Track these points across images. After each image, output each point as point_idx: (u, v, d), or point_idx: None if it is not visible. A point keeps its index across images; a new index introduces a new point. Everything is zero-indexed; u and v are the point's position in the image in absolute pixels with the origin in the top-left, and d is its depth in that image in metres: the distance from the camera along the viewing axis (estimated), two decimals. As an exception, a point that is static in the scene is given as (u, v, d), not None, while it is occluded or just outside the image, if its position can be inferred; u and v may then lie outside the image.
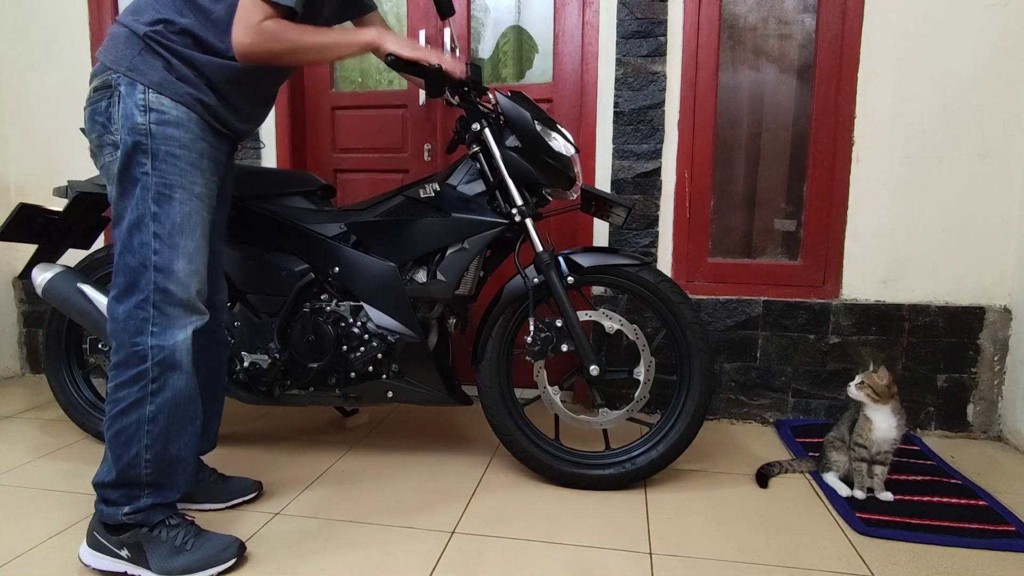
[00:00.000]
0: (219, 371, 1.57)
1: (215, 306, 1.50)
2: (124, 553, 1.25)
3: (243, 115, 1.39)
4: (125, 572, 1.26)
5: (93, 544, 1.28)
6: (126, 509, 1.25)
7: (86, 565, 1.28)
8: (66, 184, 1.87)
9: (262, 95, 1.44)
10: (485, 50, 2.38)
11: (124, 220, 1.24)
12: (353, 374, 1.70)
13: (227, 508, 1.54)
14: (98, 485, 1.27)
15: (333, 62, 1.50)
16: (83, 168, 2.55)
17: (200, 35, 1.27)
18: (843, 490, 1.61)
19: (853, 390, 1.62)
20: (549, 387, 1.68)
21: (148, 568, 1.24)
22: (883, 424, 1.57)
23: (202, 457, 1.57)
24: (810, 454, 1.83)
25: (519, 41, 2.35)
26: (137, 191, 1.23)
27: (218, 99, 1.31)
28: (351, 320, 1.67)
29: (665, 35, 2.11)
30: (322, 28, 1.35)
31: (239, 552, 1.29)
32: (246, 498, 1.57)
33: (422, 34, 2.31)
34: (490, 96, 1.64)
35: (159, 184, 1.23)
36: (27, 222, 1.78)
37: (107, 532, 1.27)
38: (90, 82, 1.28)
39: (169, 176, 1.24)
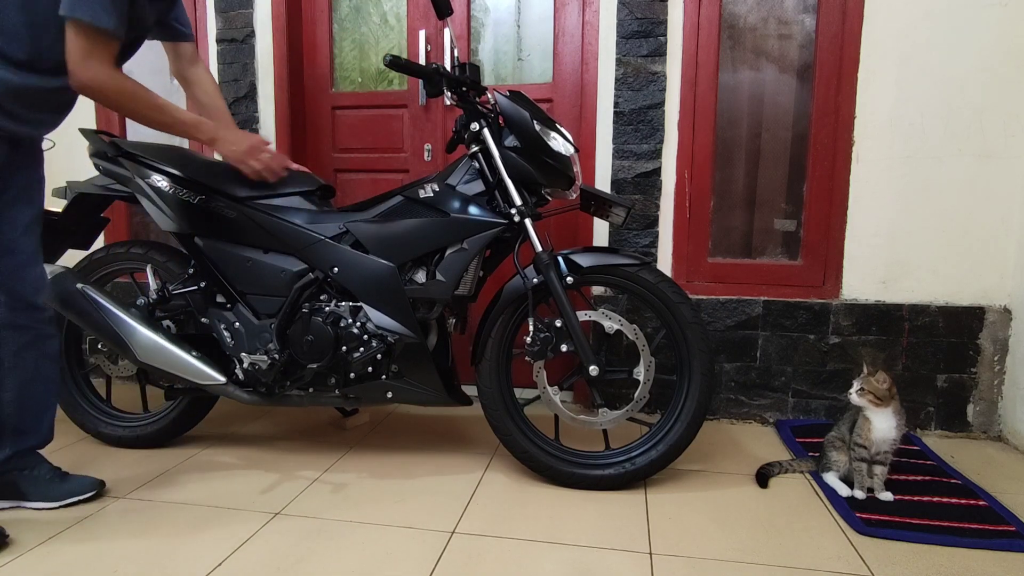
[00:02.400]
0: (45, 364, 1.54)
1: (33, 306, 1.49)
2: None
3: (19, 119, 1.36)
4: None
5: None
6: None
7: None
8: (65, 185, 1.87)
9: (47, 105, 1.41)
10: (485, 50, 2.38)
11: None
12: (352, 374, 1.70)
13: (61, 507, 1.53)
14: None
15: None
16: (82, 169, 2.55)
17: None
18: (843, 490, 1.61)
19: (855, 397, 1.60)
20: (549, 387, 1.68)
21: None
22: (882, 425, 1.57)
23: (41, 452, 1.58)
24: (810, 454, 1.83)
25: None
26: None
27: None
28: (350, 320, 1.67)
29: (665, 35, 2.11)
30: (164, 103, 1.44)
31: None
32: (82, 497, 1.55)
33: (422, 34, 2.31)
34: (489, 96, 1.64)
35: None
36: (26, 222, 1.78)
37: None
38: None
39: None
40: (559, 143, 1.62)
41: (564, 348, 1.60)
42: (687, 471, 1.78)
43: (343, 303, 1.69)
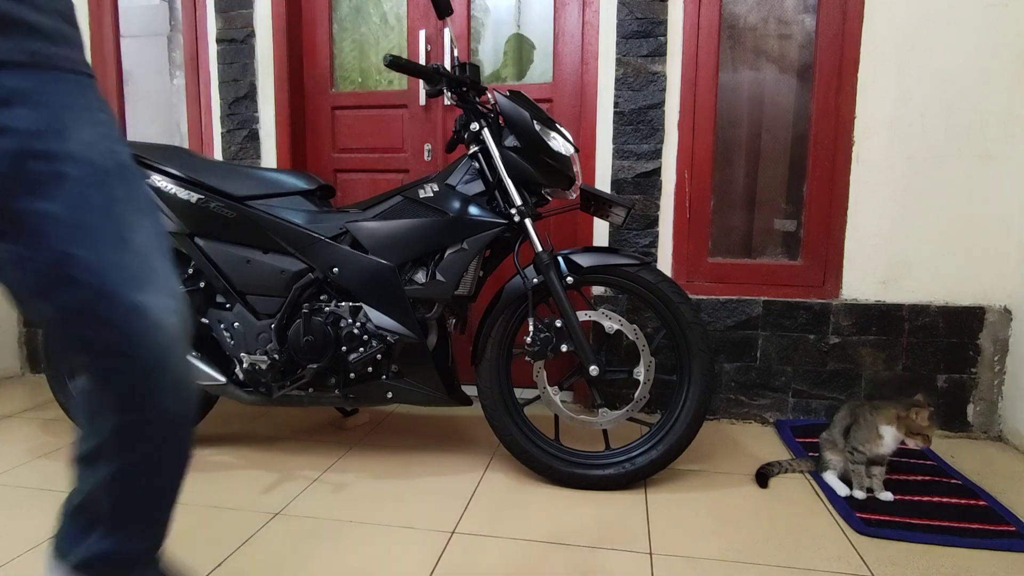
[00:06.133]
0: (163, 454, 0.88)
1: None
2: None
3: None
4: None
5: None
6: None
7: None
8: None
9: None
10: (485, 50, 2.38)
11: None
12: (352, 375, 1.70)
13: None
14: None
15: None
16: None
17: None
18: (842, 489, 1.61)
19: (910, 444, 1.54)
20: (549, 387, 1.68)
21: None
22: (892, 441, 1.56)
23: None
24: (810, 454, 1.83)
25: (519, 46, 2.35)
26: None
27: None
28: (350, 321, 1.67)
29: (665, 35, 2.11)
30: None
31: None
32: None
33: (422, 34, 2.31)
34: (489, 96, 1.64)
35: None
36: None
37: None
38: None
39: None
40: (559, 143, 1.62)
41: (564, 348, 1.60)
42: (687, 471, 1.78)
43: (343, 303, 1.69)
